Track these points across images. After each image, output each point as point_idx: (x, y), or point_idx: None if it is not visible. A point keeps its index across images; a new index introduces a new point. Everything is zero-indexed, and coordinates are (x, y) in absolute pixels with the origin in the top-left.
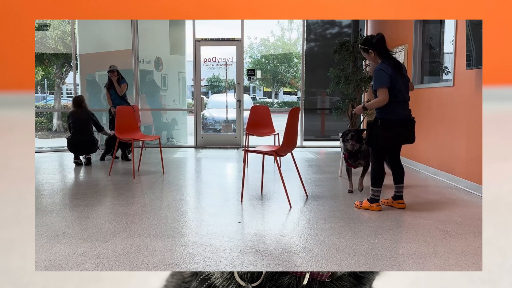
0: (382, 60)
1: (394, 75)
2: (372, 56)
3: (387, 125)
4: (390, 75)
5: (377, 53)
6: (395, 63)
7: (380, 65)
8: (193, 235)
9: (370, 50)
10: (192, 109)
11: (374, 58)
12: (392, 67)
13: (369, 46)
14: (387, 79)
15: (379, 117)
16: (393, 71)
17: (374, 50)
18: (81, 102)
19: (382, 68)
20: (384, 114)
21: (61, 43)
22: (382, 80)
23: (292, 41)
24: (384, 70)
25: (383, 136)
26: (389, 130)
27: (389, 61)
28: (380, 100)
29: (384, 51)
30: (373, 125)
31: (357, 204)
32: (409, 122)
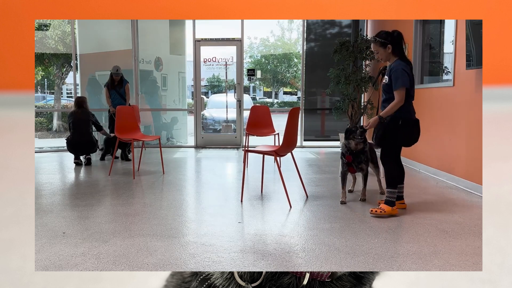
0: (399, 58)
1: (411, 74)
2: (388, 52)
3: (409, 124)
4: (409, 75)
5: (395, 49)
6: (409, 61)
7: (400, 64)
8: (193, 235)
9: (388, 45)
10: (192, 109)
11: (388, 55)
12: (409, 67)
13: (389, 40)
14: (407, 80)
15: (400, 116)
16: (410, 71)
17: (392, 46)
18: (83, 103)
19: (404, 67)
20: (405, 113)
21: (61, 43)
22: (405, 80)
23: (292, 41)
24: (406, 70)
25: (404, 135)
26: (410, 129)
27: (406, 59)
28: (398, 102)
29: (402, 48)
30: (390, 124)
31: (375, 211)
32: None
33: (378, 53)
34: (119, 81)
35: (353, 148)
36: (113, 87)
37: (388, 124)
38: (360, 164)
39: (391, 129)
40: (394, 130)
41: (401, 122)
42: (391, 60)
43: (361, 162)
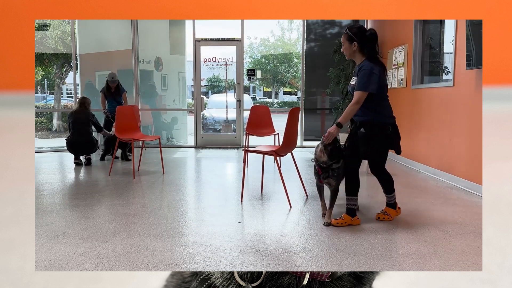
0: (368, 58)
1: (383, 76)
2: (353, 49)
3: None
4: (379, 77)
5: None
6: (380, 63)
7: (369, 65)
8: (193, 235)
9: (354, 42)
10: (192, 109)
11: (353, 52)
12: (381, 67)
13: (357, 37)
14: (376, 84)
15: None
16: (382, 72)
17: (359, 44)
18: (85, 103)
19: (374, 69)
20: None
21: (61, 43)
22: (371, 83)
23: (292, 41)
24: (375, 72)
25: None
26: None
27: (376, 61)
28: (355, 103)
29: (373, 49)
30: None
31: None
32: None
33: (343, 46)
34: (116, 88)
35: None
36: (110, 95)
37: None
38: (327, 178)
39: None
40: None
41: (390, 128)
42: (357, 59)
43: (328, 177)
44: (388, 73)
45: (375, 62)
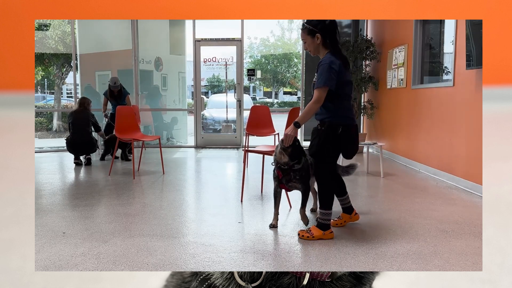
0: (330, 51)
1: (344, 72)
2: (317, 43)
3: (348, 132)
4: (338, 73)
5: (325, 40)
6: (343, 56)
7: (329, 58)
8: (193, 235)
9: (317, 34)
10: (192, 109)
11: (317, 46)
12: (342, 62)
13: (318, 29)
14: (334, 80)
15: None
16: (343, 67)
17: (322, 36)
18: (84, 103)
19: (333, 64)
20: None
21: (61, 43)
22: (329, 78)
23: (292, 41)
24: (333, 66)
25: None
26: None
27: (338, 53)
28: (314, 101)
29: (335, 40)
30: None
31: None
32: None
33: (305, 43)
34: (119, 91)
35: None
36: (113, 98)
37: (326, 132)
38: (290, 182)
39: (329, 139)
40: (334, 140)
41: (341, 129)
42: (321, 54)
43: (290, 181)
44: (388, 73)
45: (336, 56)
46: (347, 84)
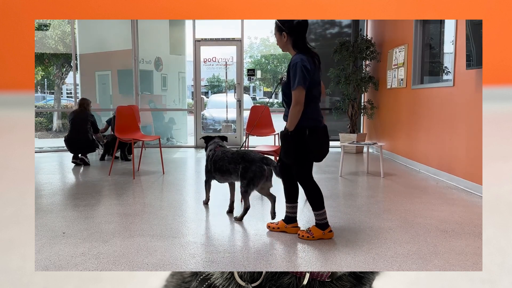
0: (300, 51)
1: (314, 72)
2: (284, 41)
3: (316, 135)
4: (310, 73)
5: (293, 40)
6: (313, 54)
7: (299, 57)
8: (193, 235)
9: (283, 33)
10: (192, 109)
11: (284, 44)
12: (312, 61)
13: (286, 27)
14: (307, 79)
15: (306, 125)
16: (313, 66)
17: (288, 35)
18: (83, 104)
19: (304, 63)
20: (312, 121)
21: (61, 43)
22: (301, 78)
23: None
24: (306, 66)
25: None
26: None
27: (308, 52)
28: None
29: (303, 40)
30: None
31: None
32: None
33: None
34: None
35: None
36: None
37: (292, 136)
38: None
39: (297, 142)
40: (302, 143)
41: (308, 132)
42: (291, 52)
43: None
44: (388, 73)
45: (307, 55)
46: (315, 85)
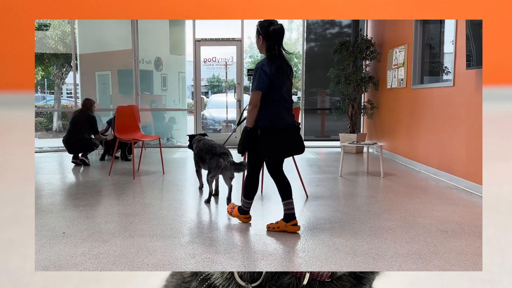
0: (268, 56)
1: (276, 76)
2: (260, 43)
3: (268, 135)
4: (270, 77)
5: (267, 44)
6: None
7: (262, 63)
8: (193, 235)
9: (260, 36)
10: (192, 109)
11: (261, 47)
12: (276, 67)
13: (262, 32)
14: (265, 83)
15: (259, 126)
16: (276, 72)
17: (263, 39)
18: (86, 105)
19: (264, 67)
20: (265, 122)
21: (61, 43)
22: (261, 81)
23: (292, 41)
24: (265, 69)
25: (264, 148)
26: (273, 140)
27: (274, 59)
28: (250, 105)
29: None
30: (251, 132)
31: (228, 210)
32: (292, 129)
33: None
34: None
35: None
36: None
37: (247, 132)
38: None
39: (250, 139)
40: (254, 141)
41: (259, 132)
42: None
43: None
44: (388, 73)
45: (272, 60)
46: (275, 89)
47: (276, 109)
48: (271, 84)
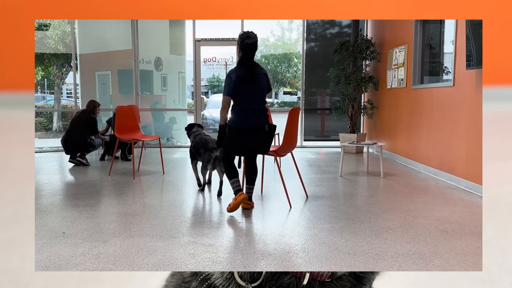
0: (238, 64)
1: (242, 83)
2: (237, 52)
3: (231, 133)
4: (235, 83)
5: (241, 55)
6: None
7: (232, 70)
8: (193, 235)
9: (238, 46)
10: (192, 109)
11: (238, 55)
12: (243, 73)
13: (239, 43)
14: (231, 88)
15: (228, 124)
16: (243, 78)
17: (240, 49)
18: (90, 106)
19: (231, 74)
20: (230, 122)
21: (61, 43)
22: (226, 87)
23: (292, 41)
24: (231, 77)
25: (228, 143)
26: (233, 138)
27: (242, 67)
28: (222, 107)
29: (246, 57)
30: (220, 129)
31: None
32: (259, 131)
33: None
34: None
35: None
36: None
37: (220, 128)
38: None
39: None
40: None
41: (227, 130)
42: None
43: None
44: (388, 73)
45: (241, 68)
46: (241, 93)
47: (240, 112)
48: (236, 89)
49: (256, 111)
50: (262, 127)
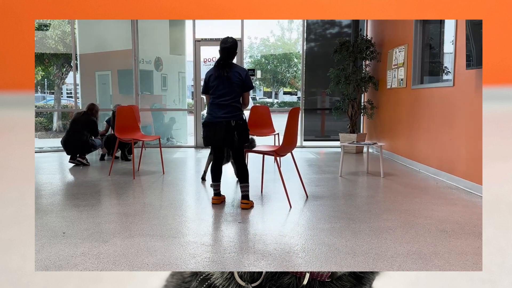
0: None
1: (212, 80)
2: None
3: (203, 125)
4: (205, 81)
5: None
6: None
7: (207, 71)
8: (193, 235)
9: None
10: (192, 109)
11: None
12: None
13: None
14: (203, 86)
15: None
16: (213, 76)
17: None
18: (90, 109)
19: (206, 75)
20: (208, 116)
21: (61, 43)
22: (203, 85)
23: (292, 41)
24: (205, 77)
25: (205, 135)
26: (204, 130)
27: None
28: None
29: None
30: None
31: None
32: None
33: None
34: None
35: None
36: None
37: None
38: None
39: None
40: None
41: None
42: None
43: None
44: (388, 73)
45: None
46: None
47: (209, 106)
48: (206, 86)
49: (224, 106)
50: (228, 121)
